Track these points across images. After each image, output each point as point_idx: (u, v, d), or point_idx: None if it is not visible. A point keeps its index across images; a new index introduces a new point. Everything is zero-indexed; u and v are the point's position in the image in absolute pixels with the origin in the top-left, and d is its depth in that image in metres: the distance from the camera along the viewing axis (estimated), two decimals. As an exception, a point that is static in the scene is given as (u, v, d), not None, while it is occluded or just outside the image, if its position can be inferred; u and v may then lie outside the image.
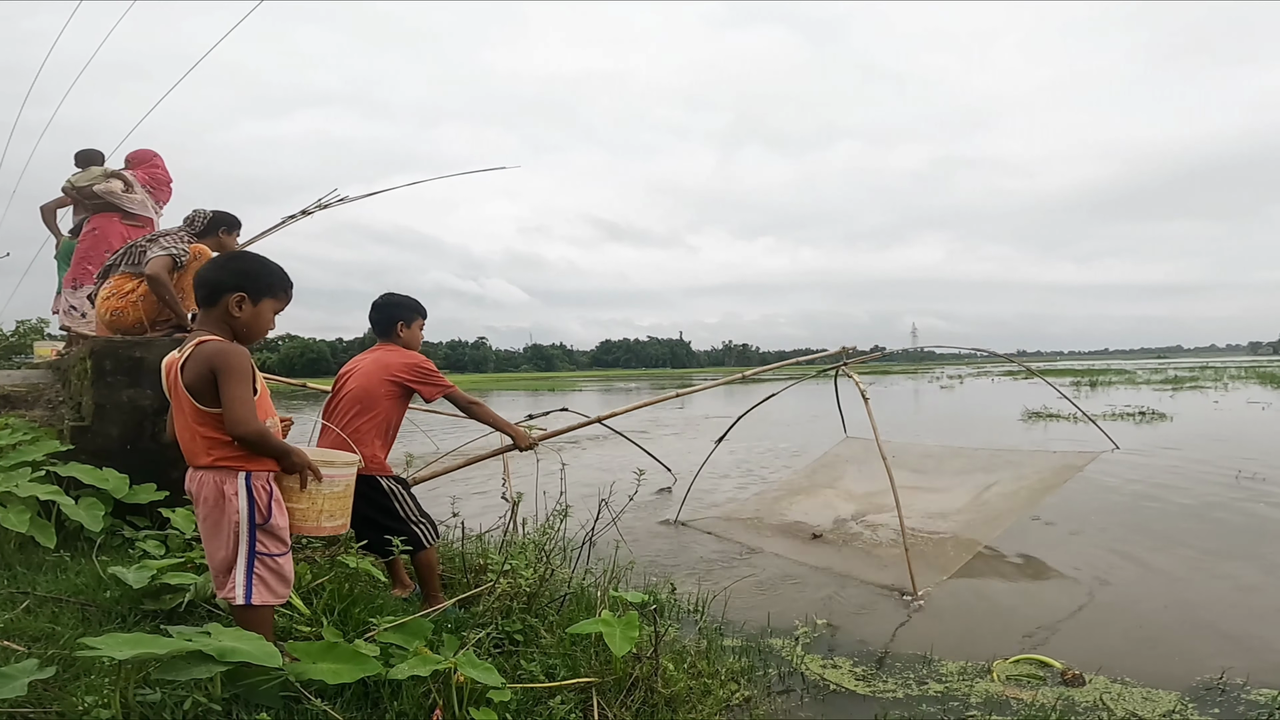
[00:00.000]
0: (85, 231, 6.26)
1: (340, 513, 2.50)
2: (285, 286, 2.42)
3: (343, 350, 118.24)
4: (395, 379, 3.39)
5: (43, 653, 2.42)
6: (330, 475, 2.43)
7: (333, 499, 2.46)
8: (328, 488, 2.42)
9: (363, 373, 3.43)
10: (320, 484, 2.39)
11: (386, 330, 3.58)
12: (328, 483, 2.42)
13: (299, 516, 2.40)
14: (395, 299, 3.65)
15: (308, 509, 2.41)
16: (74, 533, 3.73)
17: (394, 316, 3.58)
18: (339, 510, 2.49)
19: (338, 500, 2.48)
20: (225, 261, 2.45)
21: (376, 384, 3.38)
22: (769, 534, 6.18)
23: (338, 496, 2.47)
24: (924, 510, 6.09)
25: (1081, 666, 3.28)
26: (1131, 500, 7.18)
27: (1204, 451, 10.24)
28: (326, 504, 2.43)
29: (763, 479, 8.79)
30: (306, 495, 2.39)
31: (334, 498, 2.46)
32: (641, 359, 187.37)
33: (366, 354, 3.57)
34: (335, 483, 2.45)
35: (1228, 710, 2.92)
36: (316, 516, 2.43)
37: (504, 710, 2.31)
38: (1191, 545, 5.44)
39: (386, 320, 3.58)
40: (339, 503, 2.48)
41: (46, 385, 5.24)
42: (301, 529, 2.43)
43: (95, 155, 6.47)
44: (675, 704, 2.62)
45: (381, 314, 3.60)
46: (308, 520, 2.42)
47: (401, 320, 3.58)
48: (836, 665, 3.41)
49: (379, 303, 3.64)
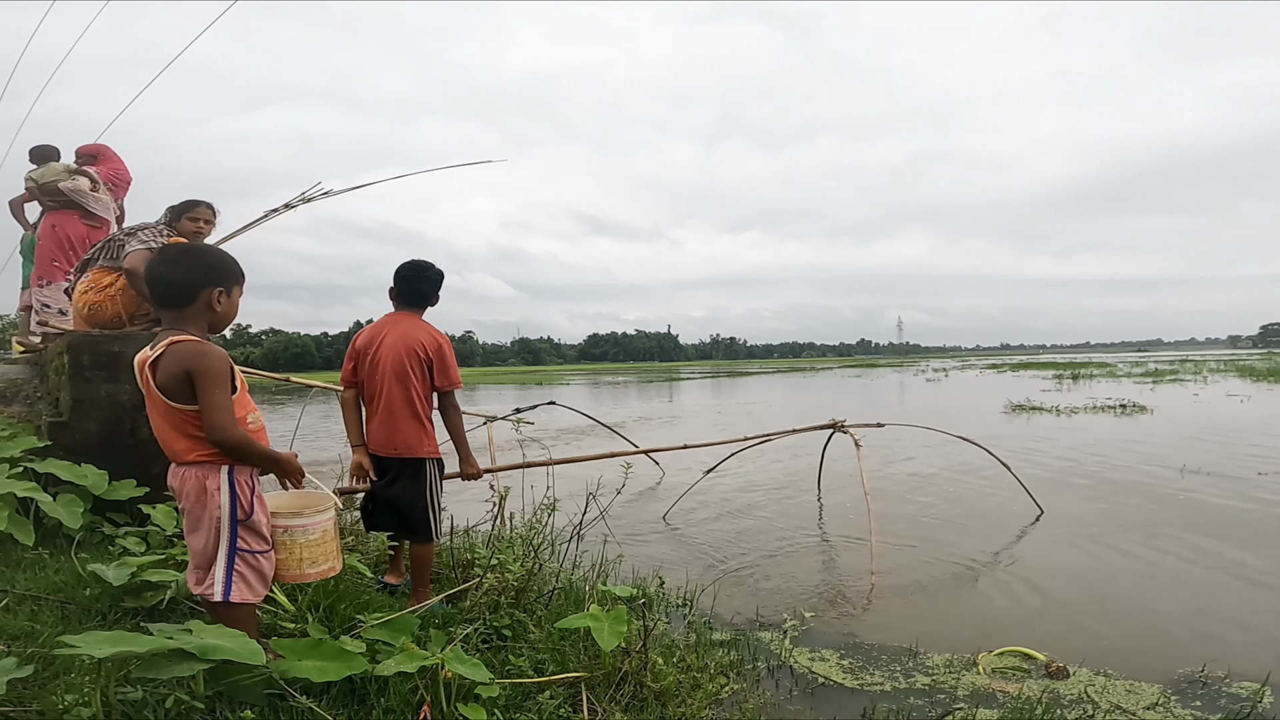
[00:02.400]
0: (45, 229, 6.18)
1: (324, 557, 2.39)
2: (242, 271, 2.37)
3: (327, 345, 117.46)
4: (424, 356, 3.31)
5: (22, 651, 2.37)
6: (304, 524, 2.33)
7: (311, 546, 2.35)
8: (302, 537, 2.32)
9: (393, 344, 3.31)
10: (294, 534, 2.30)
11: (414, 301, 3.47)
12: (301, 532, 2.32)
13: (280, 566, 2.32)
14: (435, 275, 3.50)
15: (287, 559, 2.33)
16: (53, 530, 3.68)
17: (425, 294, 3.47)
18: (322, 555, 2.38)
19: (318, 547, 2.37)
20: (185, 259, 2.29)
21: (413, 358, 3.29)
22: (755, 529, 6.19)
23: (316, 544, 2.36)
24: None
25: (1065, 659, 3.31)
26: (1110, 492, 7.25)
27: (1183, 444, 10.36)
28: (306, 552, 2.34)
29: (752, 480, 8.79)
30: (283, 546, 2.31)
31: (312, 545, 2.35)
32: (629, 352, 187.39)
33: (390, 323, 3.42)
34: (310, 531, 2.34)
35: (1209, 703, 2.96)
36: (298, 565, 2.34)
37: (492, 706, 2.30)
38: (1171, 538, 5.51)
39: (419, 294, 3.46)
40: (320, 549, 2.38)
41: (24, 380, 5.15)
42: (285, 578, 2.35)
43: (51, 151, 6.37)
44: (665, 698, 2.61)
45: (415, 286, 3.45)
46: (289, 569, 2.33)
47: (431, 299, 3.50)
48: (824, 658, 3.42)
49: (422, 273, 3.48)
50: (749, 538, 5.86)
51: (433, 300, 3.51)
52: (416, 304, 3.46)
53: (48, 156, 6.32)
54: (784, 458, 9.80)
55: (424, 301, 3.47)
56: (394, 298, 3.47)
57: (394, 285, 3.45)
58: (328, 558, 2.41)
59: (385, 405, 3.28)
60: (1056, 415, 15.15)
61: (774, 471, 8.94)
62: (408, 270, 3.44)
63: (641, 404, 24.11)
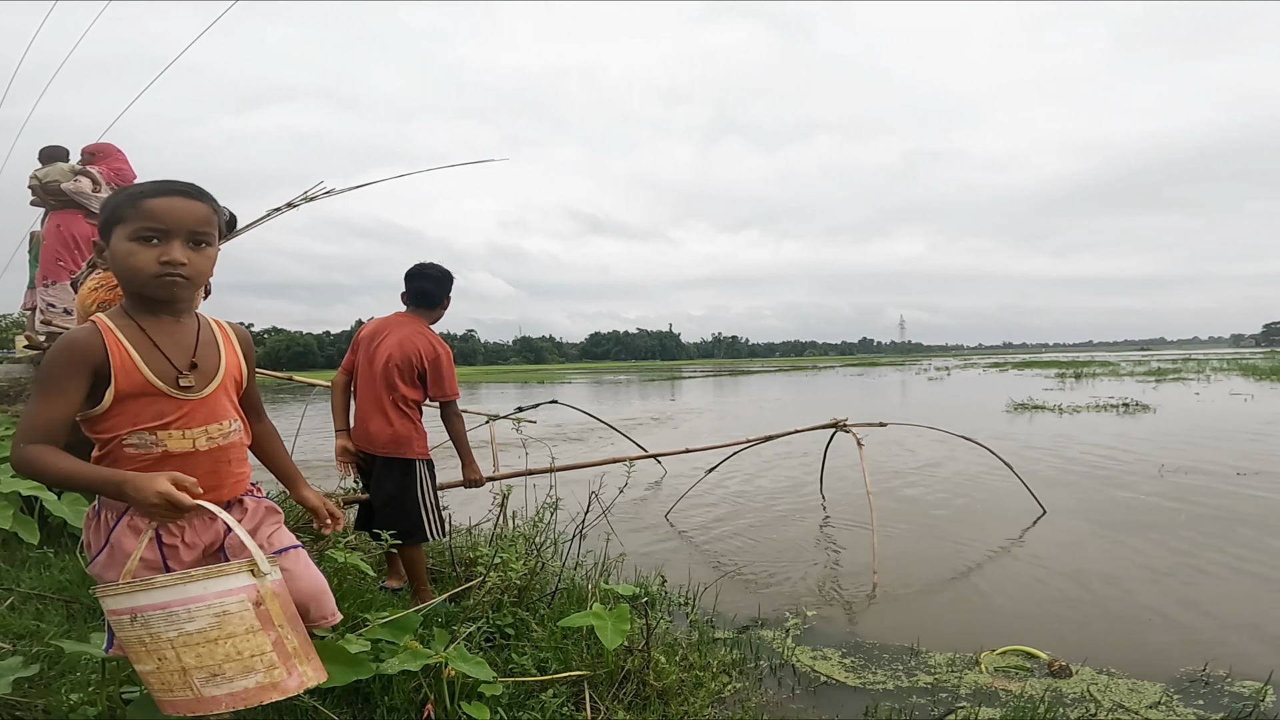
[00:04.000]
0: (49, 228, 6.21)
1: (234, 665, 1.38)
2: (132, 201, 1.53)
3: (329, 343, 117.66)
4: (418, 365, 3.32)
5: (27, 650, 2.39)
6: (165, 605, 1.36)
7: (199, 648, 1.36)
8: (173, 628, 1.35)
9: (390, 346, 3.32)
10: (152, 623, 1.36)
11: (420, 300, 3.46)
12: (166, 619, 1.35)
13: (158, 686, 1.38)
14: (436, 273, 3.48)
15: (159, 670, 1.37)
16: (57, 529, 3.69)
17: (429, 292, 3.46)
18: (230, 660, 1.37)
19: (212, 646, 1.37)
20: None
21: (406, 365, 3.30)
22: (757, 527, 6.20)
23: (210, 641, 1.37)
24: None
25: (1067, 658, 3.31)
26: (1113, 492, 7.25)
27: (1185, 443, 10.35)
28: (189, 657, 1.35)
29: (754, 479, 8.79)
30: (143, 648, 1.37)
31: (201, 645, 1.36)
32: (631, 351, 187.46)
33: (396, 323, 3.41)
34: (188, 616, 1.36)
35: (1212, 702, 2.96)
36: (183, 682, 1.36)
37: (495, 704, 2.30)
38: (1173, 536, 5.50)
39: (423, 293, 3.45)
40: (221, 649, 1.37)
41: (28, 379, 5.17)
42: (175, 706, 1.38)
43: (60, 152, 6.41)
44: (667, 697, 2.62)
45: (418, 284, 3.45)
46: (172, 690, 1.37)
47: (438, 299, 3.49)
48: (826, 657, 3.42)
49: (424, 271, 3.47)
50: (751, 536, 5.87)
51: (441, 301, 3.50)
52: (423, 304, 3.46)
53: (56, 157, 6.35)
54: (786, 457, 9.80)
55: (430, 301, 3.47)
56: (404, 299, 3.51)
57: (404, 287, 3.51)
58: (248, 667, 1.39)
59: (368, 400, 3.32)
60: (1059, 414, 15.13)
61: (776, 470, 8.94)
62: (412, 269, 3.49)
63: (644, 403, 24.13)
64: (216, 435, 1.63)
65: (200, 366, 1.62)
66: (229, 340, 1.73)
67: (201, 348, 1.64)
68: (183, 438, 1.57)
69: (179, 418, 1.57)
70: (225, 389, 1.67)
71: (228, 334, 1.74)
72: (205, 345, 1.66)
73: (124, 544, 1.55)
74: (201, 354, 1.63)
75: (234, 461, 1.69)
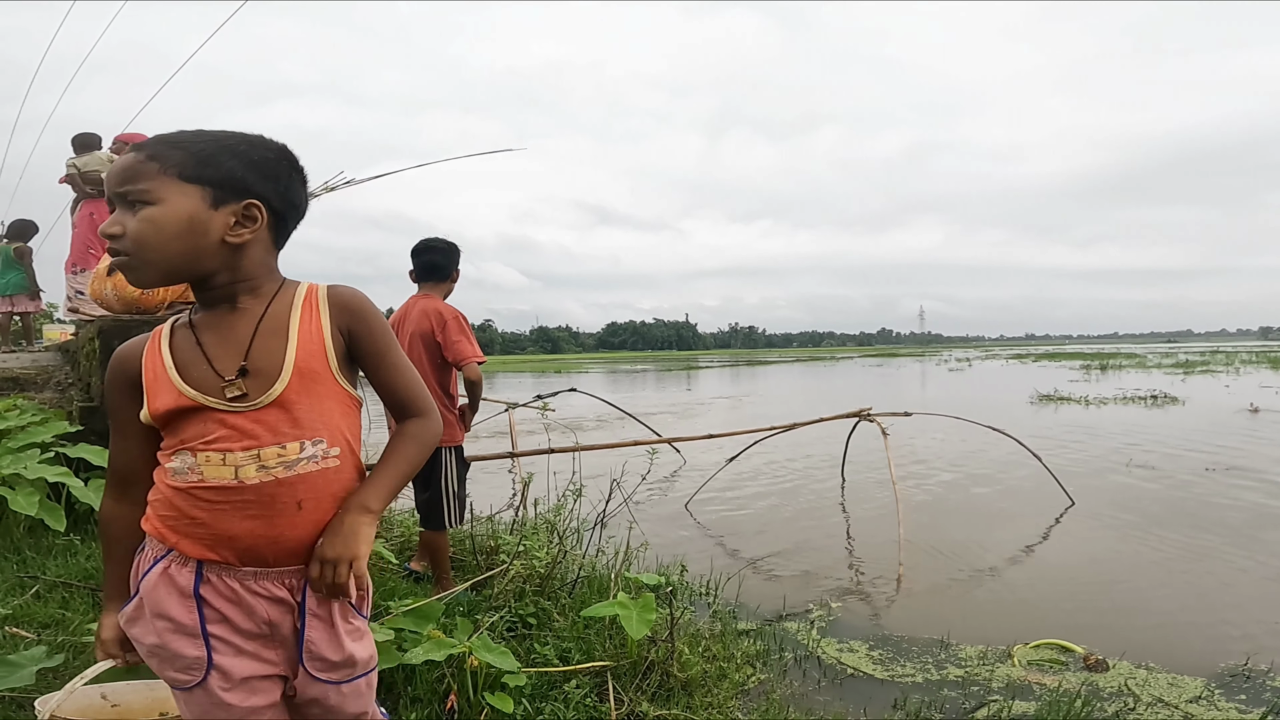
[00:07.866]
0: (82, 216, 6.26)
1: None
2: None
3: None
4: (434, 331, 3.25)
5: (52, 639, 2.39)
6: None
7: None
8: None
9: (410, 325, 3.27)
10: None
11: (429, 274, 3.42)
12: None
13: None
14: (442, 244, 3.45)
15: None
16: (84, 515, 3.71)
17: (437, 264, 3.42)
18: None
19: None
20: None
21: (427, 337, 3.24)
22: (779, 518, 6.14)
23: None
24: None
25: (1103, 651, 3.23)
26: (1146, 486, 7.10)
27: (1216, 436, 10.13)
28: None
29: (775, 469, 8.72)
30: None
31: None
32: (647, 341, 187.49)
33: (411, 303, 3.38)
34: None
35: (1254, 696, 2.87)
36: None
37: (519, 694, 2.27)
38: (1207, 530, 5.37)
39: (431, 266, 3.42)
40: None
41: (55, 368, 5.22)
42: None
43: (94, 139, 6.45)
44: (691, 688, 2.58)
45: (425, 258, 3.42)
46: None
47: (448, 271, 3.45)
48: (853, 649, 3.36)
49: (430, 244, 3.45)
50: (773, 526, 5.81)
51: (450, 273, 3.46)
52: (433, 277, 3.42)
53: (90, 145, 6.40)
54: (808, 446, 9.71)
55: (440, 274, 3.43)
56: (413, 278, 3.48)
57: (411, 267, 3.47)
58: None
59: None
60: (1085, 406, 14.89)
61: (798, 460, 8.86)
62: (417, 245, 3.46)
63: (661, 393, 24.08)
64: (274, 464, 1.11)
65: (258, 367, 1.13)
66: (313, 314, 1.18)
67: (260, 340, 1.15)
68: (221, 464, 1.10)
69: (218, 437, 1.11)
70: (300, 393, 1.14)
71: (314, 307, 1.19)
72: (267, 336, 1.15)
73: (154, 598, 1.14)
74: (259, 348, 1.14)
75: (308, 507, 1.14)
